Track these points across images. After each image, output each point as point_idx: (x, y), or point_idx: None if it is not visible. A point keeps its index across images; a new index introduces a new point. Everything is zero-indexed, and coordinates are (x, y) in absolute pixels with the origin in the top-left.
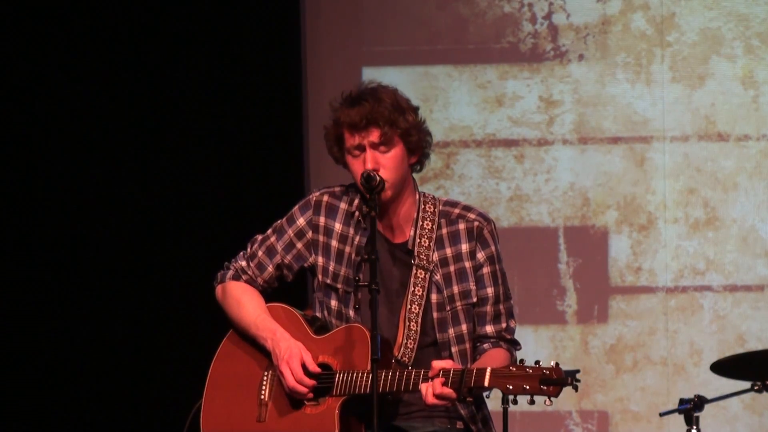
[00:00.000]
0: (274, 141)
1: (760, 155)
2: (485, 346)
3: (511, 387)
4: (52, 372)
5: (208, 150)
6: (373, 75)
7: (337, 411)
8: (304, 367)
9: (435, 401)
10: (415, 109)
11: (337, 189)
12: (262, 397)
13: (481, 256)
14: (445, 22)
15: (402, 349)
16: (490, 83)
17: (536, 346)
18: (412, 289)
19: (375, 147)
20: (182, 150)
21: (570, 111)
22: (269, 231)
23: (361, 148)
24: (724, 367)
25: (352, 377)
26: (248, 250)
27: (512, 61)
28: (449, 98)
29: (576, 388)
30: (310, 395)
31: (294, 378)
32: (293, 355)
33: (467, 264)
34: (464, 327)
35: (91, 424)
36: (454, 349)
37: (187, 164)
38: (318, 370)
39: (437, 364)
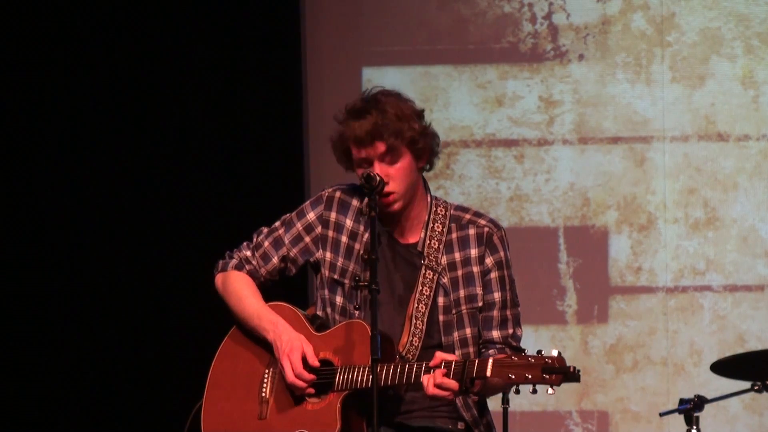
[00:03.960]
0: (274, 141)
1: (760, 155)
2: (491, 351)
3: (513, 376)
4: (51, 371)
5: (208, 150)
6: (373, 75)
7: (338, 406)
8: (305, 361)
9: (436, 391)
10: (420, 114)
11: (351, 186)
12: (263, 394)
13: (489, 261)
14: (445, 22)
15: (407, 346)
16: (490, 83)
17: (536, 346)
18: (420, 288)
19: (382, 159)
20: (182, 150)
21: (570, 111)
22: (277, 223)
23: (369, 162)
24: (724, 367)
25: (353, 373)
26: (253, 240)
27: (512, 61)
28: (449, 98)
29: (578, 379)
30: (311, 390)
31: (293, 372)
32: (294, 348)
33: (475, 269)
34: (468, 331)
35: (92, 423)
36: (458, 353)
37: (188, 164)
38: (318, 364)
39: (440, 354)
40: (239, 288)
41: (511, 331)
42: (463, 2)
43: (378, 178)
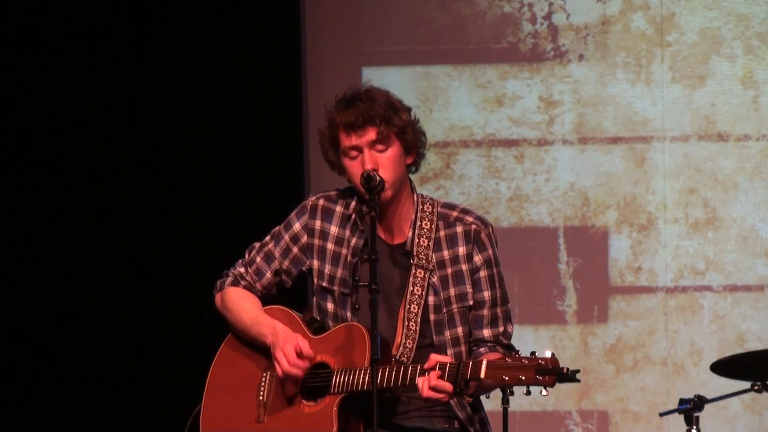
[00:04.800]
0: (274, 141)
1: (760, 155)
2: (482, 350)
3: (507, 378)
4: (52, 375)
5: (207, 151)
6: (373, 75)
7: (335, 408)
8: (299, 355)
9: (431, 394)
10: (409, 109)
11: (333, 193)
12: (261, 397)
13: (478, 259)
14: (445, 22)
15: (401, 348)
16: (490, 83)
17: (536, 346)
18: (411, 288)
19: (372, 146)
20: (181, 152)
21: (570, 111)
22: (267, 238)
23: (358, 149)
24: (724, 367)
25: (350, 375)
26: (246, 256)
27: (512, 61)
28: (449, 98)
29: (573, 380)
30: (308, 364)
31: (288, 362)
32: (288, 340)
33: (464, 267)
34: (460, 330)
35: (93, 427)
36: (449, 352)
37: (186, 166)
38: (311, 352)
39: (435, 356)
40: (236, 302)
41: (501, 329)
42: (463, 2)
43: (378, 178)
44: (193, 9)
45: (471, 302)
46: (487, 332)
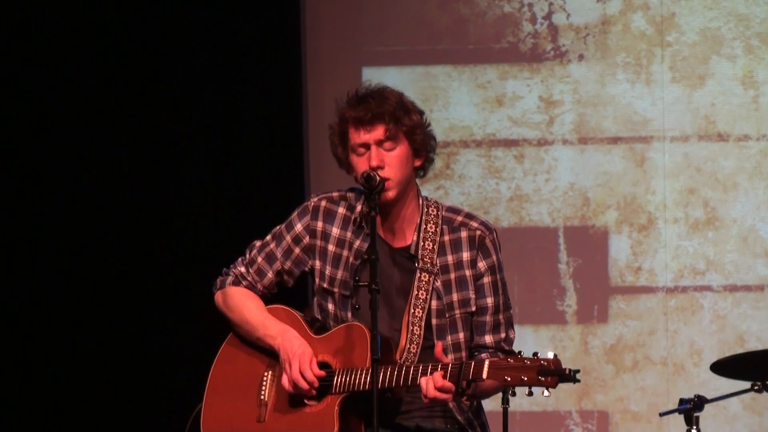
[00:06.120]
0: (274, 141)
1: (760, 155)
2: (483, 355)
3: (509, 378)
4: (53, 375)
5: (207, 151)
6: (373, 75)
7: (336, 408)
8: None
9: (437, 394)
10: (420, 112)
11: (335, 195)
12: (262, 397)
13: (482, 265)
14: (445, 22)
15: (405, 353)
16: (490, 83)
17: (536, 346)
18: (416, 293)
19: (380, 144)
20: (181, 152)
21: (570, 111)
22: (268, 237)
23: (366, 146)
24: (724, 367)
25: (351, 375)
26: (247, 256)
27: (512, 61)
28: (449, 98)
29: (575, 380)
30: (313, 392)
31: (312, 373)
32: (305, 352)
33: (468, 272)
34: (461, 335)
35: (94, 426)
36: (450, 357)
37: (186, 166)
38: (318, 370)
39: (439, 352)
40: (240, 301)
41: (503, 335)
42: (463, 2)
43: (378, 178)
44: (193, 10)
45: (473, 308)
46: (489, 338)
